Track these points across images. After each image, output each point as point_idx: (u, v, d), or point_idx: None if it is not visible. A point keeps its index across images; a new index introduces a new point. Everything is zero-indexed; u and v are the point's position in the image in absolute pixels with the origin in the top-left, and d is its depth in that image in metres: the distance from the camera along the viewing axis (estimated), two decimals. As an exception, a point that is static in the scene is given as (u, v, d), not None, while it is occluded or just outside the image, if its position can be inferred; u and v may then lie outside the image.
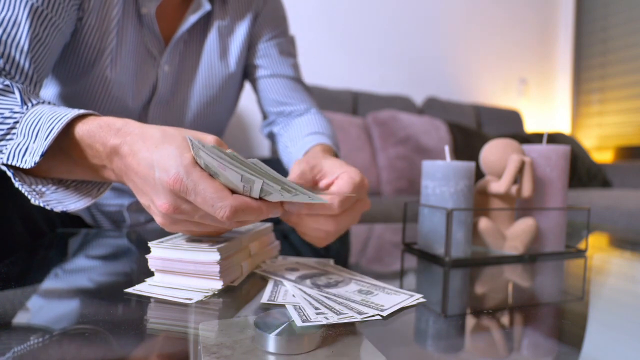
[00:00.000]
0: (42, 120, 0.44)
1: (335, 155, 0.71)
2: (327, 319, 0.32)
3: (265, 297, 0.38)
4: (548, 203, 0.63)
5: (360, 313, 0.34)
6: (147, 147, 0.38)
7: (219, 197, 0.35)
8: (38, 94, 0.57)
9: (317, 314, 0.33)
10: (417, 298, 0.39)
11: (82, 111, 0.44)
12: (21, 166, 0.44)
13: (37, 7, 0.55)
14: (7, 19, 0.53)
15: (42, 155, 0.43)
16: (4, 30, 0.53)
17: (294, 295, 0.38)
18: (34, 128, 0.44)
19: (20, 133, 0.45)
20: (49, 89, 0.71)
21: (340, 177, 0.46)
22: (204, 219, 0.38)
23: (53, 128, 0.42)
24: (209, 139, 0.40)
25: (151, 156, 0.37)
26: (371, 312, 0.34)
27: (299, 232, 0.46)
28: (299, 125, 0.79)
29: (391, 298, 0.38)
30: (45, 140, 0.42)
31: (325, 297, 0.38)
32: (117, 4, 0.65)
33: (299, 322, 0.30)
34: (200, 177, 0.35)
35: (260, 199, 0.38)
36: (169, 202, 0.36)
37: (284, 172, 0.82)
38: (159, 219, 0.39)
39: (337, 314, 0.33)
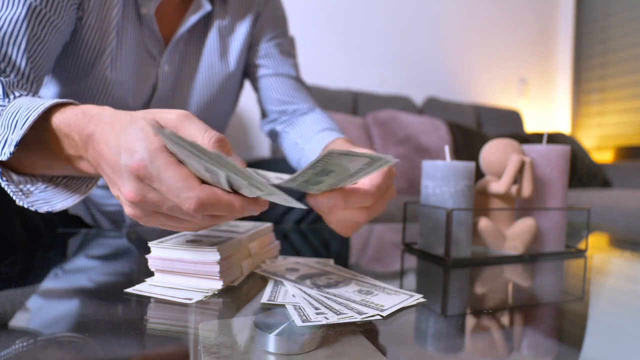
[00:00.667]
0: (20, 110, 0.42)
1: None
2: (327, 319, 0.32)
3: (265, 297, 0.38)
4: (548, 203, 0.63)
5: (360, 313, 0.34)
6: (115, 132, 0.35)
7: (186, 186, 0.32)
8: (37, 93, 0.57)
9: (317, 314, 0.33)
10: (417, 298, 0.39)
11: (59, 100, 0.42)
12: (0, 159, 0.43)
13: (36, 6, 0.55)
14: (5, 18, 0.53)
15: (16, 145, 0.41)
16: (0, 29, 0.53)
17: (294, 295, 0.38)
18: (13, 119, 0.43)
19: (1, 126, 0.44)
20: (49, 89, 0.71)
21: (373, 176, 0.44)
22: (173, 211, 0.34)
23: (29, 117, 0.41)
24: (171, 115, 0.36)
25: (117, 142, 0.34)
26: (371, 312, 0.34)
27: (327, 220, 0.45)
28: (309, 123, 0.78)
29: (391, 298, 0.38)
30: (21, 129, 0.41)
31: (325, 297, 0.38)
32: (117, 4, 0.65)
33: (299, 322, 0.30)
34: (167, 163, 0.32)
35: (235, 192, 0.34)
36: (134, 189, 0.33)
37: (289, 169, 0.82)
38: (127, 209, 0.36)
39: (337, 314, 0.33)
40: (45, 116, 0.42)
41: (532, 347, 0.32)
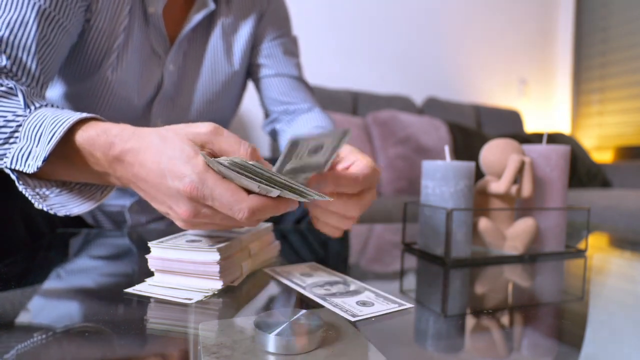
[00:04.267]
0: (44, 124, 0.44)
1: None
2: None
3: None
4: (548, 203, 0.63)
5: (354, 315, 0.34)
6: (151, 156, 0.38)
7: (236, 200, 0.36)
8: (44, 96, 0.57)
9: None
10: (406, 307, 0.37)
11: (83, 115, 0.44)
12: (24, 170, 0.44)
13: (45, 9, 0.55)
14: (15, 21, 0.53)
15: (44, 161, 0.43)
16: (11, 32, 0.53)
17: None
18: (37, 132, 0.44)
19: (24, 137, 0.45)
20: (55, 89, 0.71)
21: (358, 161, 0.47)
22: (225, 220, 0.38)
23: (55, 133, 0.42)
24: (204, 129, 0.39)
25: (159, 166, 0.37)
26: (365, 312, 0.35)
27: (318, 224, 0.49)
28: (304, 121, 0.80)
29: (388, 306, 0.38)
30: (48, 144, 0.42)
31: (321, 297, 0.38)
32: (127, 6, 0.65)
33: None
34: (215, 182, 0.36)
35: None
36: (189, 209, 0.37)
37: None
38: (180, 224, 0.40)
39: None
40: (69, 131, 0.43)
41: (532, 347, 0.32)
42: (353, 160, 0.48)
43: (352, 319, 0.33)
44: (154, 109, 0.73)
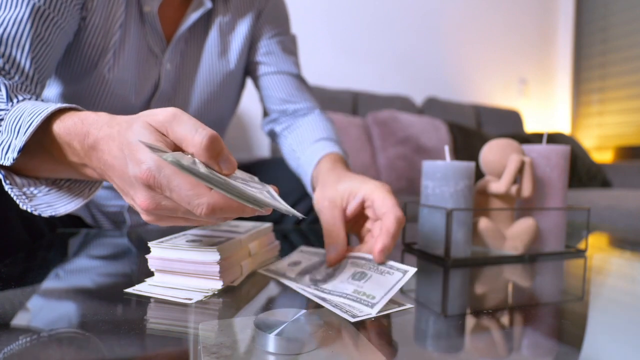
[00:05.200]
0: (23, 115, 0.42)
1: (347, 164, 0.70)
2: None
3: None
4: (548, 203, 0.63)
5: (353, 316, 0.34)
6: (117, 143, 0.36)
7: (196, 194, 0.32)
8: (40, 94, 0.57)
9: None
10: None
11: (61, 105, 0.42)
12: (3, 163, 0.43)
13: (40, 6, 0.55)
14: (9, 19, 0.53)
15: (19, 151, 0.41)
16: (4, 30, 0.52)
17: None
18: (16, 124, 0.43)
19: (5, 130, 0.44)
20: (52, 89, 0.71)
21: (386, 218, 0.46)
22: (188, 214, 0.35)
23: (31, 123, 0.41)
24: (161, 114, 0.35)
25: (122, 152, 0.35)
26: (364, 310, 0.35)
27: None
28: (305, 128, 0.78)
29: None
30: (24, 135, 0.41)
31: (320, 296, 0.38)
32: (122, 3, 0.65)
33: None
34: (174, 172, 0.32)
35: None
36: (148, 199, 0.34)
37: (288, 172, 0.81)
38: (144, 216, 0.37)
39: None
40: (47, 122, 0.42)
41: (532, 347, 0.32)
42: (383, 211, 0.47)
43: (352, 319, 0.33)
44: (151, 108, 0.73)
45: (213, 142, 0.33)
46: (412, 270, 0.39)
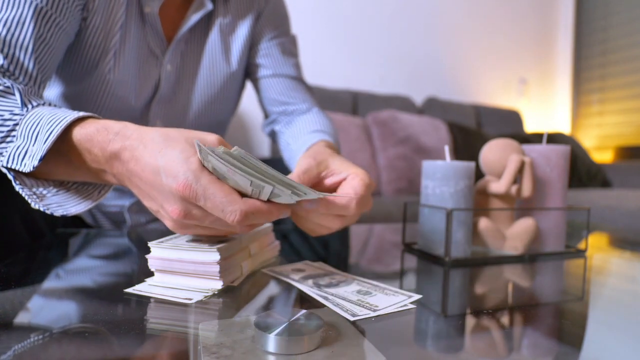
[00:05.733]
0: (41, 122, 0.44)
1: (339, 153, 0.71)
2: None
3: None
4: (548, 203, 0.63)
5: (354, 315, 0.34)
6: (149, 152, 0.38)
7: (229, 201, 0.35)
8: (41, 95, 0.57)
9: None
10: (415, 298, 0.39)
11: (81, 114, 0.44)
12: (21, 169, 0.44)
13: (42, 7, 0.55)
14: (12, 19, 0.53)
15: (40, 160, 0.42)
16: (8, 31, 0.53)
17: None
18: (34, 131, 0.44)
19: (20, 135, 0.45)
20: (53, 89, 0.71)
21: (351, 178, 0.46)
22: (215, 224, 0.38)
23: (52, 132, 0.42)
24: (211, 138, 0.39)
25: (156, 162, 0.37)
26: (364, 312, 0.35)
27: (298, 222, 0.46)
28: (302, 123, 0.79)
29: (388, 299, 0.38)
30: (44, 144, 0.42)
31: (323, 296, 0.38)
32: (123, 4, 0.65)
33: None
34: (209, 181, 0.35)
35: (269, 200, 0.38)
36: (180, 208, 0.36)
37: (285, 169, 0.81)
38: (169, 223, 0.39)
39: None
40: (66, 129, 0.43)
41: (532, 347, 0.32)
42: (345, 176, 0.46)
43: (352, 319, 0.33)
44: (152, 109, 0.73)
45: None
46: (416, 296, 0.39)
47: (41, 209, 0.45)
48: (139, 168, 0.38)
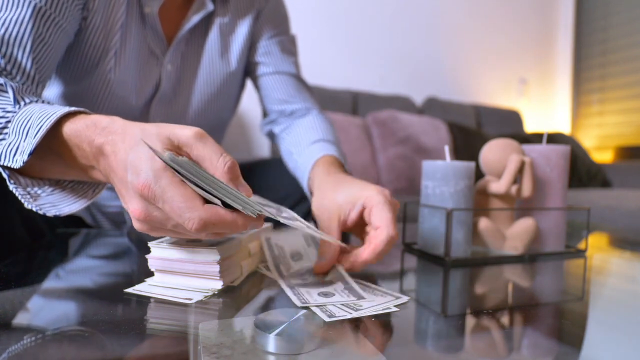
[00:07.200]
0: (32, 118, 0.43)
1: (344, 167, 0.68)
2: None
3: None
4: (548, 203, 0.63)
5: (330, 316, 0.34)
6: (125, 147, 0.36)
7: (188, 207, 0.32)
8: (40, 94, 0.57)
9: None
10: (403, 301, 0.38)
11: (71, 109, 0.43)
12: (12, 166, 0.43)
13: (41, 7, 0.55)
14: (10, 19, 0.53)
15: (30, 154, 0.41)
16: (6, 30, 0.52)
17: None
18: (25, 127, 0.43)
19: (12, 132, 0.44)
20: (52, 89, 0.71)
21: (379, 234, 0.45)
22: (178, 228, 0.35)
23: (42, 126, 0.41)
24: (185, 132, 0.36)
25: (126, 158, 0.35)
26: (341, 313, 0.34)
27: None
28: (302, 130, 0.78)
29: (376, 299, 0.38)
30: (34, 138, 0.41)
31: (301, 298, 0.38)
32: (122, 4, 0.65)
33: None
34: (169, 183, 0.33)
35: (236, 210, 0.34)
36: (140, 208, 0.34)
37: (288, 172, 0.81)
38: (135, 224, 0.37)
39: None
40: (57, 125, 0.42)
41: (532, 347, 0.32)
42: (378, 225, 0.46)
43: (328, 319, 0.33)
44: (152, 109, 0.73)
45: (234, 167, 0.35)
46: (405, 297, 0.39)
47: (34, 209, 0.44)
48: (114, 163, 0.37)
